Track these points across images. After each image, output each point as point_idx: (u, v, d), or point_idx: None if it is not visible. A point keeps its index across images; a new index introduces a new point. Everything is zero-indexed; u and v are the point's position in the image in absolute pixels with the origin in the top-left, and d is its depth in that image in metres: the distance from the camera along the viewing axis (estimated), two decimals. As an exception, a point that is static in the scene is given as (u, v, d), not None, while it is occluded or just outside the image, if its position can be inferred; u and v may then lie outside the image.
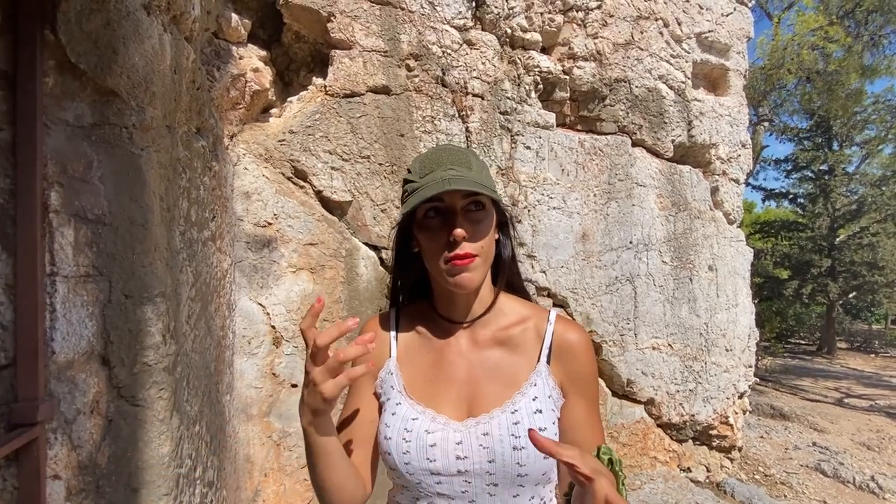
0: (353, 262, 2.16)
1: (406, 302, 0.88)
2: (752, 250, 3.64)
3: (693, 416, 3.21)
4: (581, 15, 2.86)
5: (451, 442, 0.71)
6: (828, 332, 13.28)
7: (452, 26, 2.42)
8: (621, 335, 2.95)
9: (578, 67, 2.84)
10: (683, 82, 3.24)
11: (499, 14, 2.56)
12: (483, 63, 2.51)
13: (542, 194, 2.71)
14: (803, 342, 15.20)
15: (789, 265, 12.44)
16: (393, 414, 0.75)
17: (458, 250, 0.70)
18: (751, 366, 3.54)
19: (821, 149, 11.88)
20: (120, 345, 1.05)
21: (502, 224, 0.82)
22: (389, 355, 0.81)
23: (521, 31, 2.67)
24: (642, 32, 3.05)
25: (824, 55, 8.42)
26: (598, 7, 2.90)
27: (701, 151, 3.37)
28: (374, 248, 2.23)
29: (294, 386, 2.04)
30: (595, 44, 2.89)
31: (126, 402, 1.05)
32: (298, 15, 2.14)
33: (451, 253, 0.70)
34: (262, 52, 2.18)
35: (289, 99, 2.22)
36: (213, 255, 1.60)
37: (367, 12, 2.20)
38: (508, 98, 2.59)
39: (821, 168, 12.12)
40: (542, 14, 2.72)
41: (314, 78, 2.21)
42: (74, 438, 1.01)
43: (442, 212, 0.73)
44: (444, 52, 2.38)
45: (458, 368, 0.78)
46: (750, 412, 4.12)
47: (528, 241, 2.67)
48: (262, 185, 2.00)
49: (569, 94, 2.90)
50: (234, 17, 1.99)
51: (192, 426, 1.30)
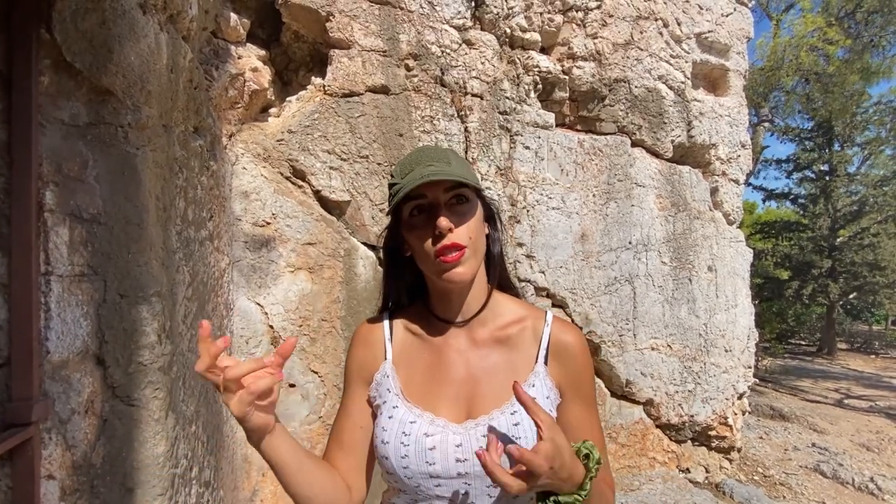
0: (351, 262, 2.16)
1: (399, 307, 0.86)
2: (751, 251, 3.63)
3: (692, 416, 3.20)
4: (580, 15, 2.86)
5: (451, 444, 0.70)
6: (828, 333, 13.26)
7: (452, 26, 2.42)
8: (620, 336, 2.95)
9: (578, 67, 2.84)
10: (683, 82, 3.23)
11: (498, 14, 2.55)
12: (482, 63, 2.51)
13: (541, 194, 2.71)
14: (803, 343, 15.17)
15: (790, 266, 12.41)
16: (390, 417, 0.73)
17: (444, 241, 0.69)
18: (750, 367, 3.54)
19: (822, 149, 11.87)
20: (115, 344, 1.04)
21: (490, 219, 0.81)
22: (385, 358, 0.80)
23: (521, 30, 2.67)
24: (642, 32, 3.05)
25: (825, 56, 8.41)
26: (598, 7, 2.90)
27: (700, 152, 3.36)
28: (373, 247, 2.23)
29: (292, 386, 2.04)
30: (594, 44, 2.89)
31: (121, 402, 1.05)
32: (297, 14, 2.14)
33: (439, 245, 0.69)
34: (261, 52, 2.18)
35: (287, 98, 2.22)
36: (210, 254, 1.60)
37: (366, 12, 2.19)
38: (507, 98, 2.59)
39: (822, 168, 12.10)
40: (541, 14, 2.72)
41: (313, 77, 2.21)
42: (69, 438, 1.01)
43: (426, 208, 0.72)
44: (443, 51, 2.38)
45: (458, 367, 0.77)
46: (749, 413, 4.12)
47: (527, 241, 2.66)
48: (261, 184, 2.00)
49: (568, 94, 2.89)
50: (233, 17, 1.98)
51: (189, 426, 1.29)
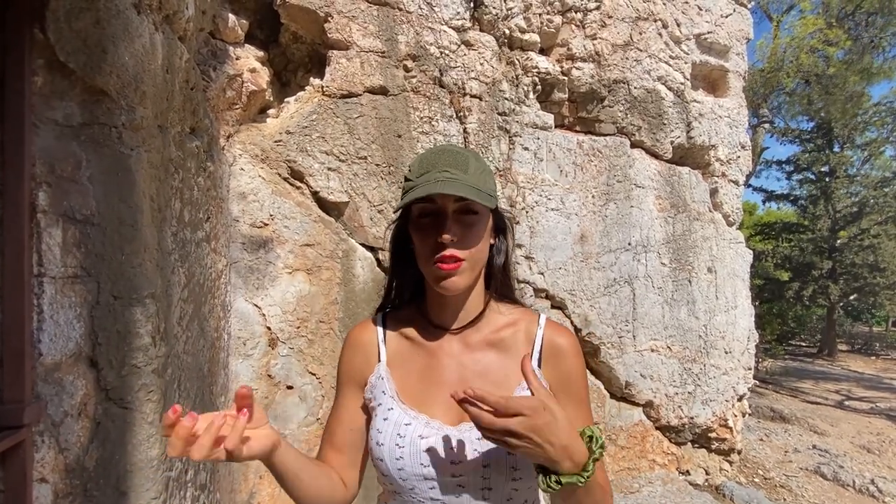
0: (349, 264, 2.15)
1: (402, 304, 0.86)
2: (751, 252, 3.62)
3: (692, 418, 3.19)
4: (580, 16, 2.85)
5: (446, 447, 0.70)
6: (828, 335, 13.24)
7: (450, 27, 2.41)
8: (620, 337, 2.94)
9: (577, 68, 2.83)
10: (682, 83, 3.23)
11: (497, 15, 2.55)
12: (481, 64, 2.50)
13: (541, 195, 2.70)
14: (804, 344, 15.16)
15: (790, 267, 12.41)
16: (385, 419, 0.74)
17: (444, 252, 0.70)
18: (750, 368, 3.53)
19: (822, 150, 11.87)
20: (108, 346, 1.03)
21: (500, 229, 0.81)
22: (379, 360, 0.81)
23: (520, 31, 2.66)
24: (641, 33, 3.04)
25: (825, 57, 8.40)
26: (597, 8, 2.89)
27: (700, 153, 3.35)
28: (371, 249, 2.22)
29: (290, 388, 2.03)
30: (594, 45, 2.88)
31: (114, 405, 1.04)
32: (296, 15, 2.13)
33: (438, 255, 0.70)
34: (260, 53, 2.17)
35: (286, 99, 2.21)
36: (207, 256, 1.59)
37: (364, 13, 2.19)
38: (506, 99, 2.58)
39: (822, 170, 12.10)
40: (540, 15, 2.71)
41: (311, 78, 2.20)
42: (62, 441, 1.00)
43: (434, 213, 0.73)
44: (441, 52, 2.37)
45: (450, 371, 0.77)
46: (749, 415, 4.10)
47: (526, 242, 2.65)
48: (259, 185, 1.99)
49: (567, 95, 2.89)
50: (231, 18, 1.98)
51: (184, 428, 1.28)
